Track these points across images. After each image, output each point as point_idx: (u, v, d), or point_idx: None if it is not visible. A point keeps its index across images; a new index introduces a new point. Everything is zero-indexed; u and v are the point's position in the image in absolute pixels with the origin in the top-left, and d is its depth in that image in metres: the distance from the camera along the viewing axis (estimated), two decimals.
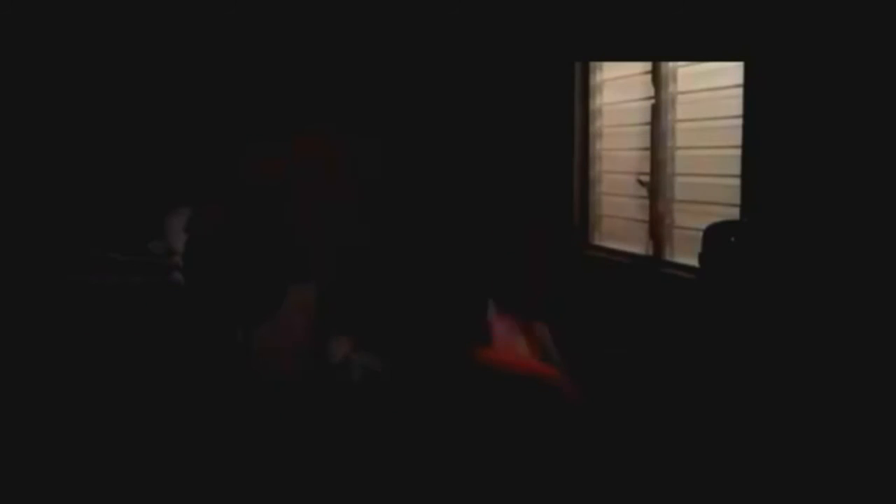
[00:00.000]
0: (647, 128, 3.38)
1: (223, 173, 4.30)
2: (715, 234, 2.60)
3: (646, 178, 3.41)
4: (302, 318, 4.02)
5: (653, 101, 3.34)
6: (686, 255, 3.14)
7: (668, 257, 3.33)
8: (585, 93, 3.96)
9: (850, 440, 2.22)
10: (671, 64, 3.25)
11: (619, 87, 3.75)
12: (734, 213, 2.76)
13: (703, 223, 2.68)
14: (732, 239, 2.57)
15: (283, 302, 3.91)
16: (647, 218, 3.43)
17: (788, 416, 2.33)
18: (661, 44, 3.14)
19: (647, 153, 3.40)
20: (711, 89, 3.01)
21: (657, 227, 3.36)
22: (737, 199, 2.77)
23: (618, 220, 3.77)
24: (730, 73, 2.85)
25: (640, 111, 3.48)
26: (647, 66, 3.39)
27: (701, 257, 2.65)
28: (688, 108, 3.19)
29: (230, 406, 3.48)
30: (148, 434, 3.25)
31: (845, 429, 2.23)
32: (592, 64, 3.91)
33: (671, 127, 3.28)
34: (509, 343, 3.18)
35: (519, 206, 4.18)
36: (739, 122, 2.75)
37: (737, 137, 2.77)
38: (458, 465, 2.93)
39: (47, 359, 3.66)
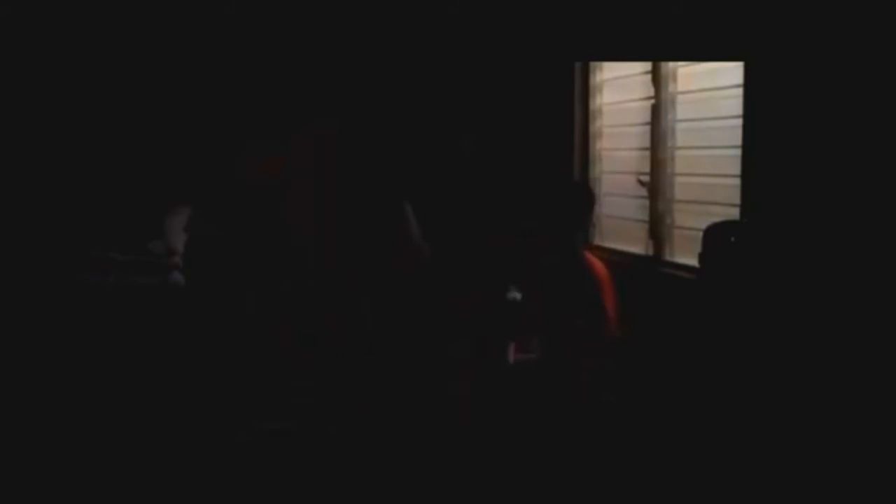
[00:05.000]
0: (647, 128, 3.38)
1: (223, 173, 4.30)
2: (715, 234, 2.60)
3: (646, 178, 3.41)
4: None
5: (653, 101, 3.34)
6: (686, 255, 3.14)
7: (668, 257, 3.33)
8: (585, 93, 3.96)
9: (849, 439, 2.22)
10: (671, 64, 3.25)
11: (619, 87, 3.75)
12: (734, 213, 2.76)
13: (703, 223, 2.68)
14: (732, 239, 2.57)
15: (282, 302, 3.91)
16: (647, 218, 3.43)
17: (788, 416, 2.33)
18: (661, 44, 3.14)
19: (647, 153, 3.40)
20: (711, 89, 3.01)
21: (657, 227, 3.36)
22: (737, 199, 2.77)
23: (618, 220, 3.77)
24: (730, 73, 2.85)
25: (640, 111, 3.48)
26: (647, 66, 3.39)
27: (701, 257, 2.65)
28: (688, 108, 3.19)
29: (230, 405, 3.48)
30: (148, 434, 3.25)
31: (845, 428, 2.23)
32: (592, 64, 3.91)
33: (671, 127, 3.28)
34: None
35: (518, 207, 4.17)
36: (739, 122, 2.75)
37: (737, 137, 2.77)
38: None
39: (48, 358, 3.65)
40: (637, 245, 3.53)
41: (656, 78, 3.32)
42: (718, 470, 2.45)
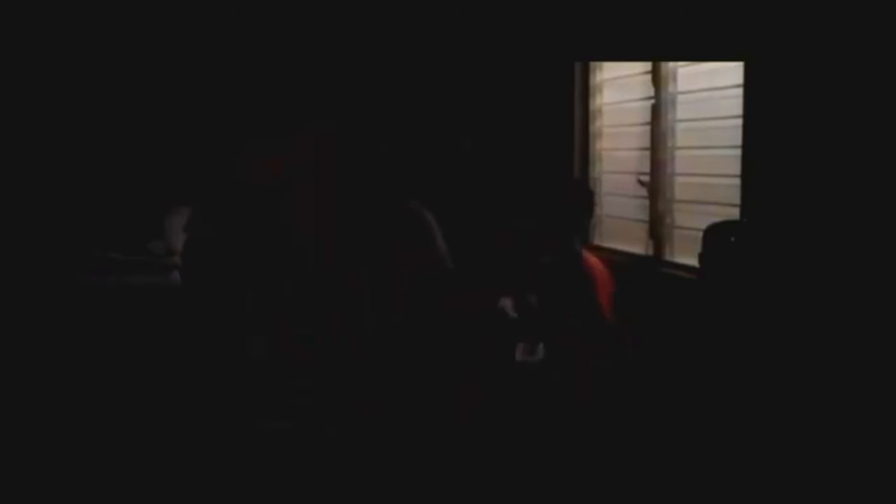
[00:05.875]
0: (647, 128, 3.38)
1: (223, 173, 4.30)
2: (715, 234, 2.60)
3: (646, 178, 3.41)
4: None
5: (653, 101, 3.34)
6: (686, 255, 3.14)
7: (668, 257, 3.33)
8: (585, 93, 3.96)
9: (849, 439, 2.22)
10: (671, 64, 3.25)
11: (619, 87, 3.75)
12: (734, 213, 2.76)
13: (703, 223, 2.68)
14: (732, 239, 2.57)
15: (282, 302, 3.91)
16: (647, 218, 3.43)
17: (788, 416, 2.33)
18: (661, 44, 3.13)
19: (647, 153, 3.40)
20: (711, 89, 3.01)
21: (657, 227, 3.36)
22: (737, 199, 2.77)
23: (618, 220, 3.77)
24: (730, 73, 2.84)
25: (640, 111, 3.48)
26: (647, 66, 3.39)
27: (701, 257, 2.64)
28: (688, 108, 3.19)
29: (230, 405, 3.48)
30: (148, 433, 3.25)
31: (845, 428, 2.23)
32: (592, 64, 3.91)
33: (671, 127, 3.28)
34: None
35: (518, 207, 4.17)
36: (739, 122, 2.75)
37: (737, 137, 2.77)
38: None
39: (48, 358, 3.66)
40: (637, 245, 3.53)
41: (656, 78, 3.32)
42: (718, 470, 2.45)
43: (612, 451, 2.89)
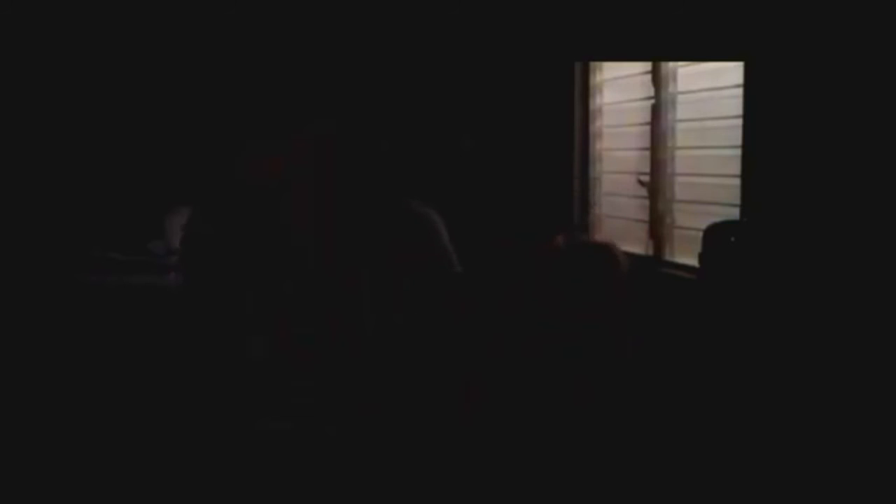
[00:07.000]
0: (647, 128, 3.38)
1: (223, 173, 4.30)
2: (715, 234, 2.60)
3: (646, 178, 3.41)
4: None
5: (653, 101, 3.34)
6: (686, 255, 3.15)
7: (668, 257, 3.33)
8: (585, 93, 3.96)
9: (849, 440, 2.22)
10: (671, 64, 3.25)
11: (619, 87, 3.75)
12: (734, 213, 2.76)
13: (703, 223, 2.68)
14: (732, 239, 2.57)
15: (282, 302, 3.90)
16: (647, 218, 3.43)
17: (788, 416, 2.33)
18: (661, 44, 3.14)
19: (647, 153, 3.40)
20: (711, 89, 3.01)
21: (657, 227, 3.36)
22: (737, 199, 2.77)
23: (618, 220, 3.77)
24: (730, 73, 2.84)
25: (640, 111, 3.48)
26: (647, 66, 3.39)
27: (701, 257, 2.64)
28: (688, 108, 3.19)
29: (229, 406, 3.48)
30: (148, 434, 3.25)
31: (845, 429, 2.23)
32: (592, 64, 3.91)
33: (671, 127, 3.28)
34: None
35: (519, 207, 4.17)
36: (739, 122, 2.75)
37: (737, 137, 2.77)
38: None
39: (48, 359, 3.66)
40: (637, 245, 3.53)
41: (656, 78, 3.32)
42: (718, 470, 2.45)
43: (613, 451, 2.89)
